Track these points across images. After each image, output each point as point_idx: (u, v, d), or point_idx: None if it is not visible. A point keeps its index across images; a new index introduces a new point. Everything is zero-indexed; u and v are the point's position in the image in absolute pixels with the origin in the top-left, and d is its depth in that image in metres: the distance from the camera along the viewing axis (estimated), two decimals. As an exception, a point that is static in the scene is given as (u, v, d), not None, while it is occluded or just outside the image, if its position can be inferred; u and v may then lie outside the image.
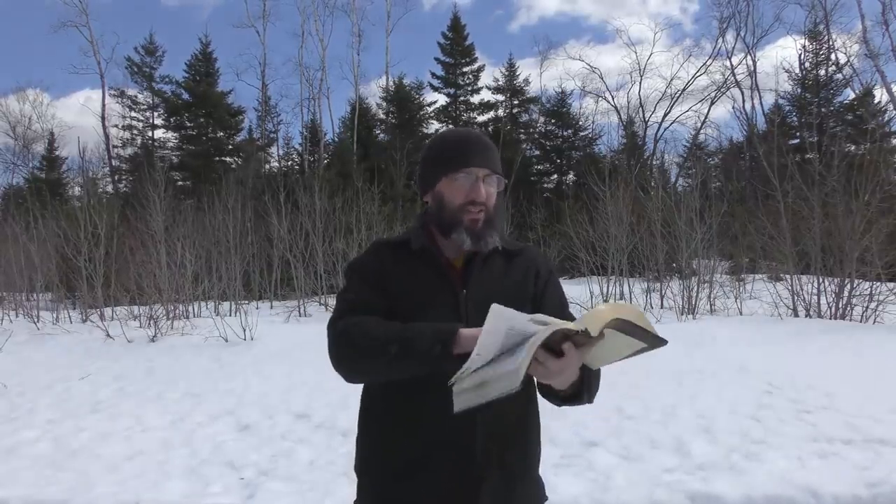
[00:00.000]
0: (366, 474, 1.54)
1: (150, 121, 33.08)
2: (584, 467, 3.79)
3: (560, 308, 1.61)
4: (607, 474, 3.68)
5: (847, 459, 3.78)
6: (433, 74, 34.54)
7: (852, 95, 31.13)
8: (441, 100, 34.77)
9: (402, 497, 1.42)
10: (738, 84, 32.70)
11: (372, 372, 1.43)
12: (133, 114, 32.64)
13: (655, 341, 1.22)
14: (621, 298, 14.25)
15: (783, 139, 26.74)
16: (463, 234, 1.49)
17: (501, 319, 1.17)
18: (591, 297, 12.99)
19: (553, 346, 1.19)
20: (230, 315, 12.30)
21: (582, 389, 1.36)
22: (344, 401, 5.25)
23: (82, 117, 58.05)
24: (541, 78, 38.23)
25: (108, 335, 9.61)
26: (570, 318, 1.60)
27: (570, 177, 33.72)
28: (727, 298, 12.94)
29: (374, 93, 35.46)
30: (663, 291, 13.14)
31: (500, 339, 1.19)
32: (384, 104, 33.45)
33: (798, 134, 32.08)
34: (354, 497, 1.56)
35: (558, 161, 34.98)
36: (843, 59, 30.91)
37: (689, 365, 6.72)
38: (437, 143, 1.62)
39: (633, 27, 72.17)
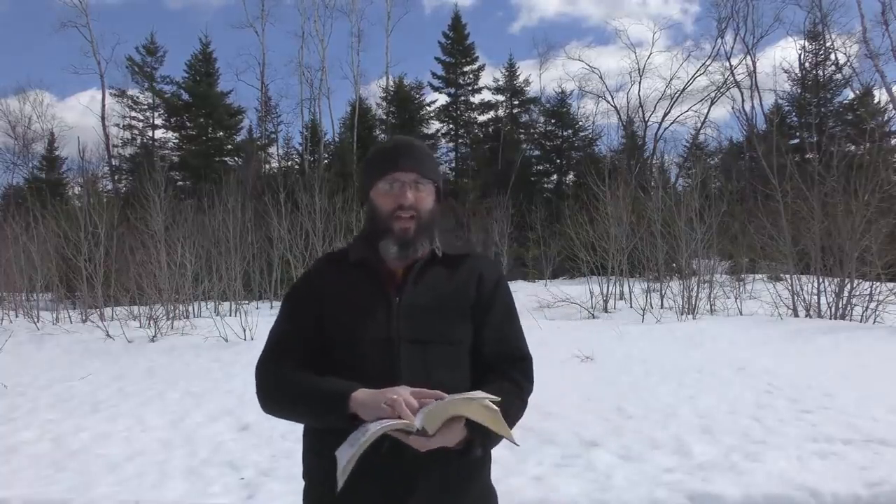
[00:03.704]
0: (306, 481, 1.57)
1: (151, 121, 33.11)
2: (584, 467, 3.79)
3: (504, 322, 1.59)
4: (607, 474, 3.68)
5: (847, 459, 3.78)
6: (434, 74, 34.60)
7: (852, 95, 31.19)
8: (441, 100, 34.85)
9: (335, 501, 1.39)
10: (737, 84, 32.70)
11: (292, 420, 1.54)
12: (133, 114, 32.72)
13: (508, 437, 1.35)
14: (621, 298, 14.26)
15: (783, 139, 26.75)
16: (389, 243, 1.51)
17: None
18: (591, 297, 12.99)
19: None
20: (230, 315, 12.30)
21: (472, 446, 1.38)
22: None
23: (83, 117, 57.92)
24: (540, 79, 38.20)
25: (108, 335, 9.61)
26: (513, 334, 1.60)
27: (570, 177, 33.70)
28: (727, 298, 12.94)
29: (374, 93, 35.46)
30: (663, 291, 13.15)
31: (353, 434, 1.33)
32: (384, 104, 33.48)
33: (798, 134, 32.08)
34: None
35: (558, 161, 34.98)
36: (842, 59, 30.96)
37: (689, 365, 6.72)
38: (369, 154, 1.66)
39: (633, 28, 72.07)
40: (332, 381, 1.43)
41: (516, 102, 35.38)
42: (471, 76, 34.48)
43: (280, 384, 1.50)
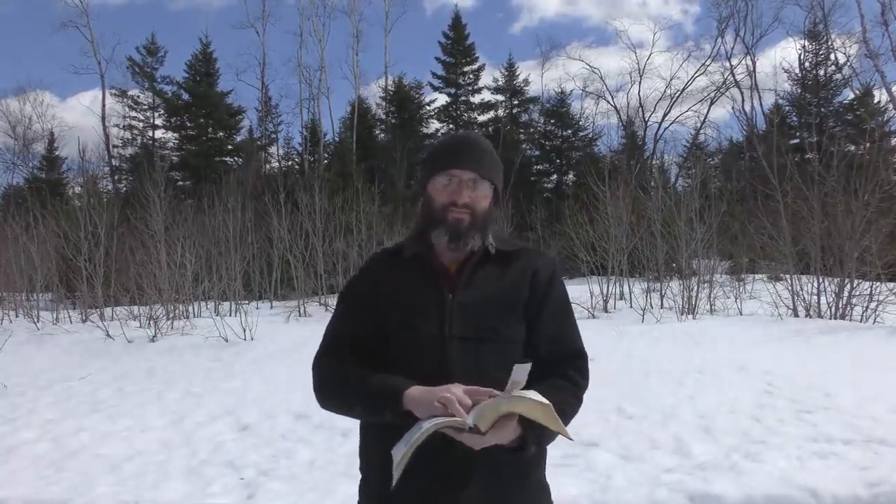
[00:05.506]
0: (363, 475, 1.59)
1: (151, 121, 33.09)
2: (584, 467, 3.79)
3: (559, 318, 1.58)
4: (607, 474, 3.68)
5: (847, 459, 3.79)
6: (434, 74, 34.63)
7: (852, 95, 31.19)
8: (441, 99, 34.86)
9: (390, 496, 1.41)
10: (737, 84, 32.74)
11: (349, 416, 1.55)
12: (133, 114, 32.70)
13: (563, 433, 1.33)
14: (621, 298, 14.26)
15: (783, 139, 26.75)
16: (441, 231, 1.51)
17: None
18: (592, 297, 12.99)
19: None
20: (230, 315, 12.29)
21: (526, 443, 1.37)
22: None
23: (83, 118, 57.86)
24: (542, 79, 38.33)
25: (108, 335, 9.61)
26: (569, 331, 1.60)
27: (570, 177, 33.71)
28: (727, 298, 12.93)
29: (374, 93, 35.45)
30: (663, 291, 13.13)
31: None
32: (384, 104, 33.46)
33: (798, 134, 32.09)
34: (355, 496, 1.59)
35: (558, 161, 34.98)
36: (842, 59, 30.97)
37: (689, 365, 6.72)
38: (431, 147, 1.68)
39: (634, 28, 72.28)
40: (388, 377, 1.43)
41: (516, 102, 35.38)
42: (471, 76, 34.51)
43: (336, 380, 1.51)
